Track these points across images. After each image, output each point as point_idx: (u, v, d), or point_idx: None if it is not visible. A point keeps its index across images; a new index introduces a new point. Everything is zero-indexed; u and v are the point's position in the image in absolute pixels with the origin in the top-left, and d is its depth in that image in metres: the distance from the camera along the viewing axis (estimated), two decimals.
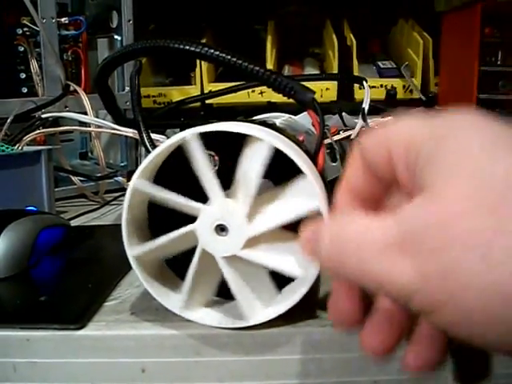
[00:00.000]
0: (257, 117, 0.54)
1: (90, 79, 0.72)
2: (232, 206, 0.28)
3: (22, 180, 0.51)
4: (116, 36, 0.72)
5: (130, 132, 0.59)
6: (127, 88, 0.70)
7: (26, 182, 0.51)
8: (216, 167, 0.30)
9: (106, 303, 0.33)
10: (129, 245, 0.30)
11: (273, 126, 0.30)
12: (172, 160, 0.30)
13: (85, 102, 0.64)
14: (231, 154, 0.28)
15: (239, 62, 0.34)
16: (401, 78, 0.82)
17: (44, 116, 0.61)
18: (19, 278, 0.38)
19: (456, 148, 0.19)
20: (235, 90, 0.74)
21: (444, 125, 0.21)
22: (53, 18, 0.64)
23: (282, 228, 0.29)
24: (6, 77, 0.66)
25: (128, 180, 0.59)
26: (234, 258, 0.29)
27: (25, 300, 0.34)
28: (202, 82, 0.81)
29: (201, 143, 0.28)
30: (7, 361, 0.30)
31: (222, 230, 0.28)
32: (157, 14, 0.89)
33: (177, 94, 0.81)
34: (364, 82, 0.72)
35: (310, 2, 0.95)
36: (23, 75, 0.67)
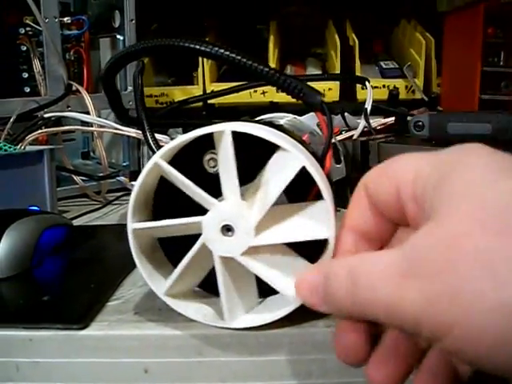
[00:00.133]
0: (262, 117, 0.54)
1: (93, 79, 0.72)
2: (246, 211, 0.28)
3: (25, 179, 0.51)
4: (118, 36, 0.72)
5: (132, 132, 0.59)
6: (130, 88, 0.70)
7: (29, 181, 0.51)
8: (216, 168, 0.30)
9: (109, 303, 0.33)
10: (132, 217, 0.30)
11: (280, 127, 0.30)
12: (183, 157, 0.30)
13: (87, 102, 0.64)
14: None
15: (249, 62, 0.34)
16: (403, 79, 0.82)
17: (46, 115, 0.61)
18: (22, 277, 0.38)
19: (460, 178, 0.20)
20: (237, 89, 0.74)
21: (449, 157, 0.21)
22: (55, 18, 0.64)
23: (285, 244, 0.29)
24: (8, 76, 0.66)
25: (130, 180, 0.59)
26: (230, 259, 0.29)
27: (27, 300, 0.34)
28: (205, 82, 0.81)
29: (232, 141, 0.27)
30: (10, 360, 0.30)
31: (228, 230, 0.28)
32: (159, 13, 0.90)
33: (179, 94, 0.81)
34: (366, 83, 0.72)
35: (312, 2, 0.95)
36: (26, 75, 0.67)
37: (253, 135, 0.27)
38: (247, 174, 0.29)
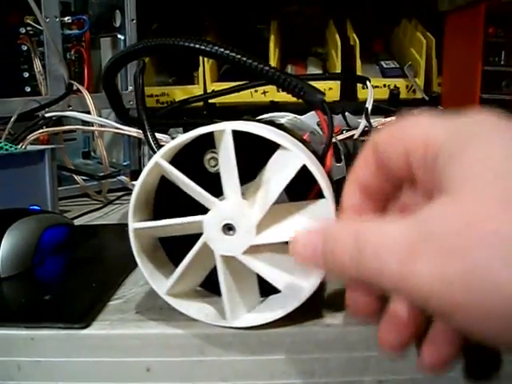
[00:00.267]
0: (263, 116, 0.54)
1: (93, 78, 0.72)
2: (247, 210, 0.28)
3: (26, 179, 0.51)
4: (119, 35, 0.72)
5: (133, 131, 0.59)
6: (130, 87, 0.70)
7: (30, 181, 0.51)
8: (217, 167, 0.30)
9: (111, 302, 0.33)
10: (133, 217, 0.30)
11: (281, 126, 0.30)
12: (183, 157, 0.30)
13: (88, 102, 0.64)
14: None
15: (249, 61, 0.34)
16: (404, 78, 0.82)
17: (47, 115, 0.61)
18: (23, 277, 0.38)
19: (480, 152, 0.19)
20: (238, 89, 0.74)
21: (466, 127, 0.21)
22: (56, 17, 0.64)
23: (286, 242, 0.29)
24: (9, 76, 0.66)
25: (131, 179, 0.59)
26: (232, 258, 0.29)
27: (29, 299, 0.34)
28: (205, 82, 0.81)
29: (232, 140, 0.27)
30: (12, 360, 0.30)
31: (229, 229, 0.28)
32: (160, 13, 0.89)
33: (180, 94, 0.81)
34: (367, 82, 0.72)
35: (312, 1, 0.95)
36: (26, 74, 0.67)
37: (253, 134, 0.27)
38: (248, 173, 0.29)
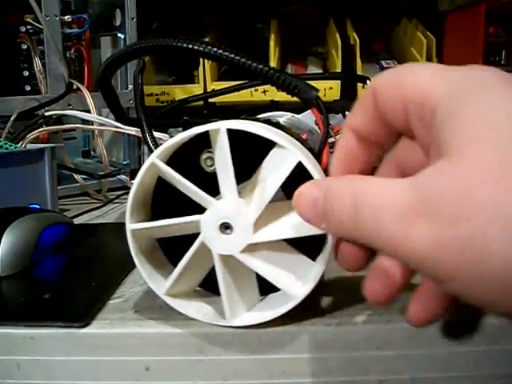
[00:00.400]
0: (260, 115, 0.54)
1: (93, 77, 0.72)
2: (244, 208, 0.28)
3: (25, 178, 0.51)
4: (119, 34, 0.72)
5: (132, 130, 0.59)
6: (130, 86, 0.70)
7: (29, 179, 0.51)
8: (213, 167, 0.30)
9: (110, 301, 0.33)
10: (130, 218, 0.29)
11: (277, 125, 0.30)
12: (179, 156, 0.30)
13: (88, 100, 0.64)
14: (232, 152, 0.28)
15: (243, 60, 0.34)
16: None
17: (47, 114, 0.61)
18: (23, 275, 0.38)
19: (480, 111, 0.18)
20: (238, 88, 0.74)
21: (467, 81, 0.20)
22: (56, 16, 0.64)
23: (283, 240, 0.29)
24: (9, 75, 0.66)
25: (131, 178, 0.59)
26: (230, 257, 0.28)
27: (28, 298, 0.34)
28: (205, 81, 0.81)
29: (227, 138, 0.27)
30: (11, 358, 0.30)
31: (226, 228, 0.28)
32: (160, 12, 0.89)
33: (180, 93, 0.81)
34: (367, 81, 0.72)
35: (313, 1, 0.95)
36: (26, 73, 0.67)
37: (249, 133, 0.27)
38: (244, 172, 0.29)
